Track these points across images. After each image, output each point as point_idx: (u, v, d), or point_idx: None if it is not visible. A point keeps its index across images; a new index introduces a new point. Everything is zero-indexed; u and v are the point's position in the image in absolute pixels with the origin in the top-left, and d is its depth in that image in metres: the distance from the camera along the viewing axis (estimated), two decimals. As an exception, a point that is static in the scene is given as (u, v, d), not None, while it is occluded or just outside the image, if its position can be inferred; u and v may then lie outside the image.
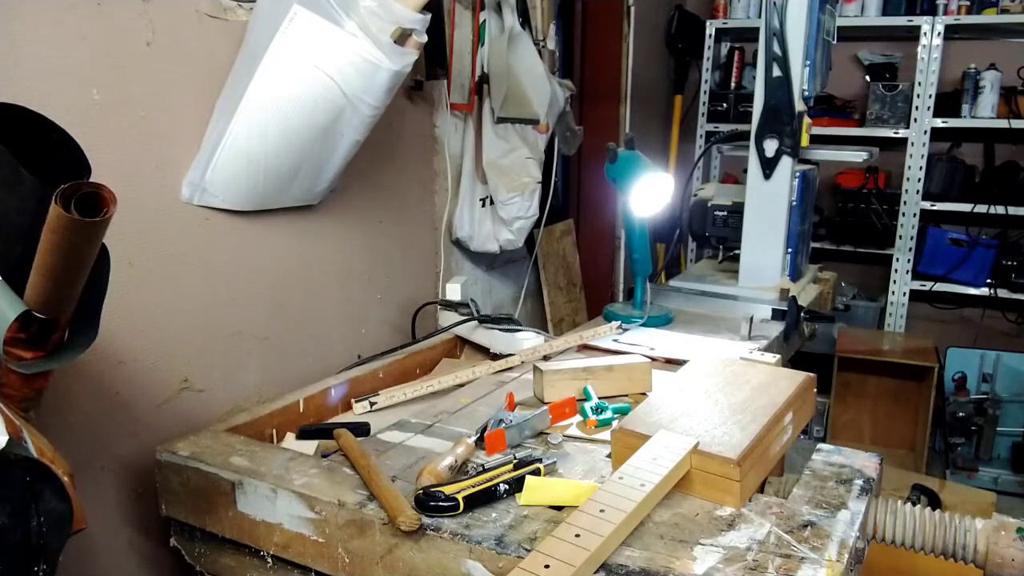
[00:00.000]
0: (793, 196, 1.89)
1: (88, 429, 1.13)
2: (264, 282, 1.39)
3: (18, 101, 0.73)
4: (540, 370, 1.27)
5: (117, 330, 1.13)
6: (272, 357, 1.41)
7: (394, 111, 1.37)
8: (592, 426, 1.14)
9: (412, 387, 1.34)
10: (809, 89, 1.82)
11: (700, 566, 0.79)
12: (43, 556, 0.69)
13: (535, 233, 2.11)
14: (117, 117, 1.11)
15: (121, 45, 1.10)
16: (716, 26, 3.43)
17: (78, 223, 0.65)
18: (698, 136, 3.52)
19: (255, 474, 1.00)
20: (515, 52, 1.80)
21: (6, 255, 0.72)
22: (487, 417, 1.16)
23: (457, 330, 1.63)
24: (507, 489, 0.93)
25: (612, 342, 1.55)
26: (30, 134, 0.73)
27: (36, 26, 1.00)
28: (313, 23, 1.15)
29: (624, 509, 0.82)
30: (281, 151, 1.25)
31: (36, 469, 0.68)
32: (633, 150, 1.67)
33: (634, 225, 1.70)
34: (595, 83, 2.82)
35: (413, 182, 1.76)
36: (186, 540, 1.10)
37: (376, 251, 1.65)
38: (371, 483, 0.95)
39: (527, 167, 1.87)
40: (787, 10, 1.75)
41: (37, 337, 0.73)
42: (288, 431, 1.22)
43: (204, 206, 1.25)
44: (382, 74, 1.22)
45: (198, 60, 1.21)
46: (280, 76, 1.18)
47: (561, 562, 0.75)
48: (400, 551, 0.89)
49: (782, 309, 1.73)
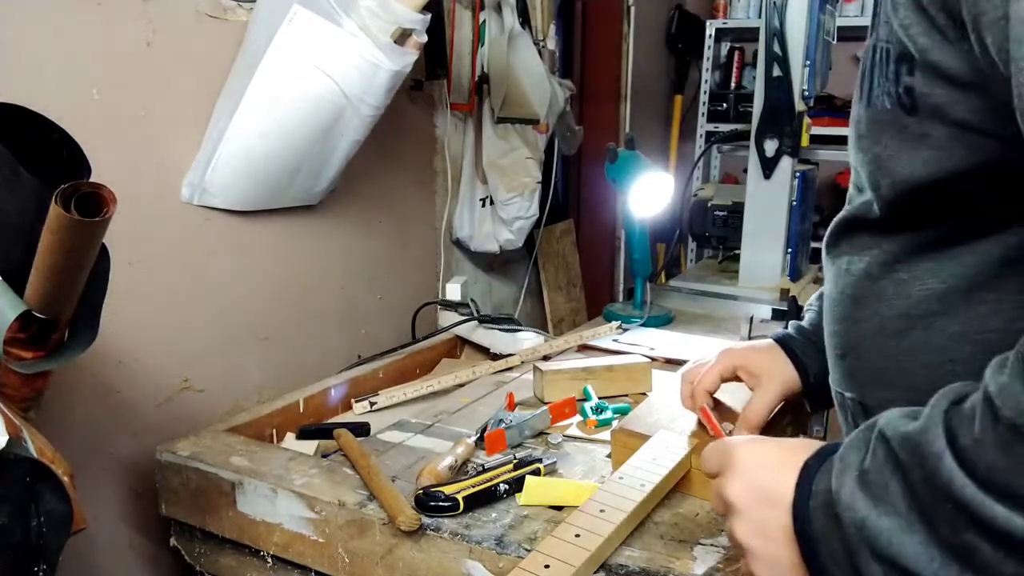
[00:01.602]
0: (793, 196, 1.89)
1: (88, 429, 1.13)
2: (264, 282, 1.39)
3: (18, 101, 0.73)
4: (540, 370, 1.27)
5: (117, 330, 1.13)
6: (272, 357, 1.41)
7: (394, 111, 1.37)
8: (592, 426, 1.14)
9: (412, 387, 1.34)
10: (809, 89, 1.82)
11: (700, 566, 0.79)
12: (43, 556, 0.69)
13: (535, 233, 2.11)
14: (117, 117, 1.11)
15: (121, 45, 1.10)
16: (716, 26, 3.43)
17: (78, 223, 0.65)
18: (698, 136, 3.52)
19: (255, 474, 1.00)
20: (515, 52, 1.80)
21: (6, 255, 0.72)
22: (487, 417, 1.16)
23: (457, 330, 1.63)
24: (507, 489, 0.93)
25: (612, 342, 1.55)
26: (30, 134, 0.73)
27: (36, 26, 1.00)
28: (313, 23, 1.15)
29: (624, 509, 0.82)
30: (281, 151, 1.25)
31: (36, 469, 0.69)
32: (633, 150, 1.67)
33: (634, 225, 1.70)
34: (595, 83, 2.82)
35: (413, 182, 1.76)
36: (186, 540, 1.10)
37: (376, 251, 1.65)
38: (371, 483, 0.95)
39: (527, 167, 1.86)
40: (787, 10, 1.75)
41: (37, 337, 0.73)
42: (288, 431, 1.22)
43: (204, 206, 1.25)
44: (382, 74, 1.22)
45: (198, 60, 1.21)
46: (280, 76, 1.18)
47: (561, 562, 0.75)
48: (400, 551, 0.89)
49: (782, 309, 1.73)
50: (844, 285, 0.71)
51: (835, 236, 0.74)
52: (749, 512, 0.58)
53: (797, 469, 0.56)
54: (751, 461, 0.60)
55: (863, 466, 0.51)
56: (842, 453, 0.54)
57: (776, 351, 0.95)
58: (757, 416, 0.91)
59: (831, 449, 0.56)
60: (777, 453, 0.60)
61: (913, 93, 0.57)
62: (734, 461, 0.61)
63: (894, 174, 0.61)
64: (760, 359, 0.95)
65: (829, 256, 0.75)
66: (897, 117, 0.59)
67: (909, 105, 0.58)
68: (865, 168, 0.65)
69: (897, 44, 0.58)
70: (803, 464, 0.56)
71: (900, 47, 0.58)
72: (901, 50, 0.58)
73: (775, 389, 0.92)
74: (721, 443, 0.64)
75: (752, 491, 0.58)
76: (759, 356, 0.95)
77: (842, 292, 0.71)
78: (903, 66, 0.58)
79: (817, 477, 0.54)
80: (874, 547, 0.49)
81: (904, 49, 0.57)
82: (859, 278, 0.69)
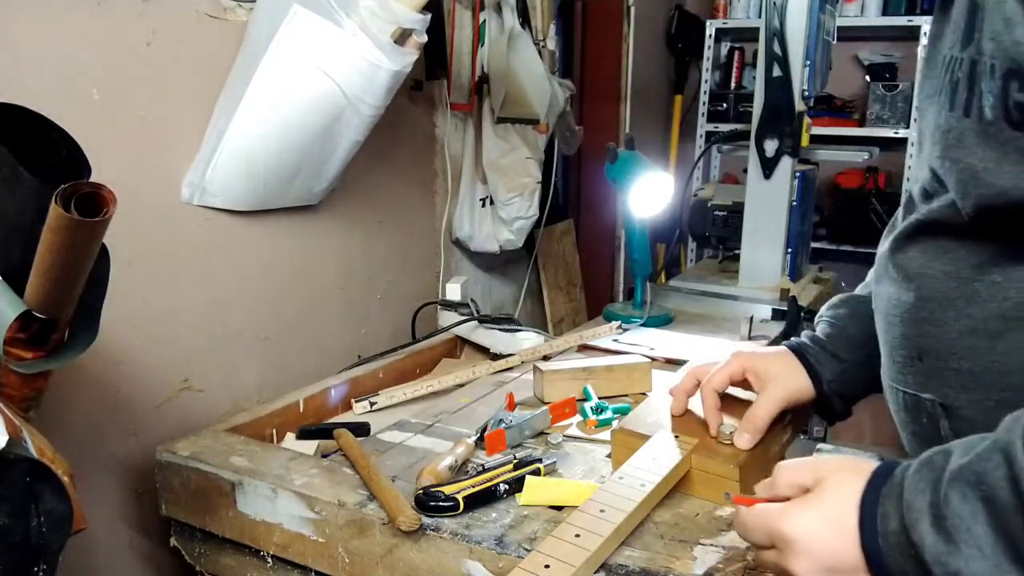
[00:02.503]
0: (793, 196, 1.89)
1: (88, 429, 1.13)
2: (264, 282, 1.39)
3: (18, 101, 0.73)
4: (540, 370, 1.27)
5: (117, 330, 1.13)
6: (272, 357, 1.41)
7: (394, 111, 1.37)
8: (592, 426, 1.14)
9: (412, 387, 1.34)
10: (809, 89, 1.82)
11: (700, 566, 0.79)
12: (43, 556, 0.69)
13: (535, 233, 2.11)
14: (117, 117, 1.11)
15: (121, 45, 1.10)
16: (716, 26, 3.43)
17: (78, 223, 0.65)
18: (698, 136, 3.52)
19: (255, 474, 1.00)
20: (515, 52, 1.80)
21: (6, 255, 0.72)
22: (487, 417, 1.16)
23: (457, 330, 1.63)
24: (507, 489, 0.93)
25: (612, 342, 1.55)
26: (30, 134, 0.73)
27: (36, 26, 1.00)
28: (313, 23, 1.15)
29: (624, 509, 0.82)
30: (281, 151, 1.25)
31: (36, 469, 0.68)
32: (633, 150, 1.67)
33: (634, 225, 1.70)
34: (595, 83, 2.82)
35: (413, 182, 1.76)
36: (186, 540, 1.10)
37: (376, 251, 1.65)
38: (371, 483, 0.95)
39: (527, 167, 1.87)
40: (787, 10, 1.75)
41: (37, 337, 0.73)
42: (288, 431, 1.22)
43: (204, 206, 1.25)
44: (382, 74, 1.22)
45: (198, 60, 1.21)
46: (280, 76, 1.18)
47: (561, 562, 0.75)
48: (400, 551, 0.89)
49: (782, 309, 1.73)
50: (919, 287, 0.72)
51: (904, 239, 0.75)
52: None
53: (856, 532, 0.59)
54: (807, 539, 0.61)
55: (938, 511, 0.54)
56: (909, 500, 0.56)
57: (789, 357, 0.96)
58: (761, 419, 0.91)
59: (878, 485, 0.59)
60: (828, 520, 0.61)
61: (1023, 109, 0.60)
62: (788, 542, 0.62)
63: (990, 185, 0.63)
64: (770, 364, 0.95)
65: (894, 258, 0.76)
66: (1000, 130, 0.62)
67: (1018, 120, 0.60)
68: (954, 176, 0.67)
69: (1007, 60, 0.61)
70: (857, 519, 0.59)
71: (1010, 63, 0.60)
72: (1011, 67, 0.60)
73: (780, 394, 0.93)
74: (763, 517, 0.65)
75: (820, 566, 0.60)
76: (769, 361, 0.96)
77: (917, 294, 0.73)
78: (1013, 82, 0.60)
79: (879, 522, 0.58)
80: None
81: (1015, 66, 0.60)
82: (942, 280, 0.70)
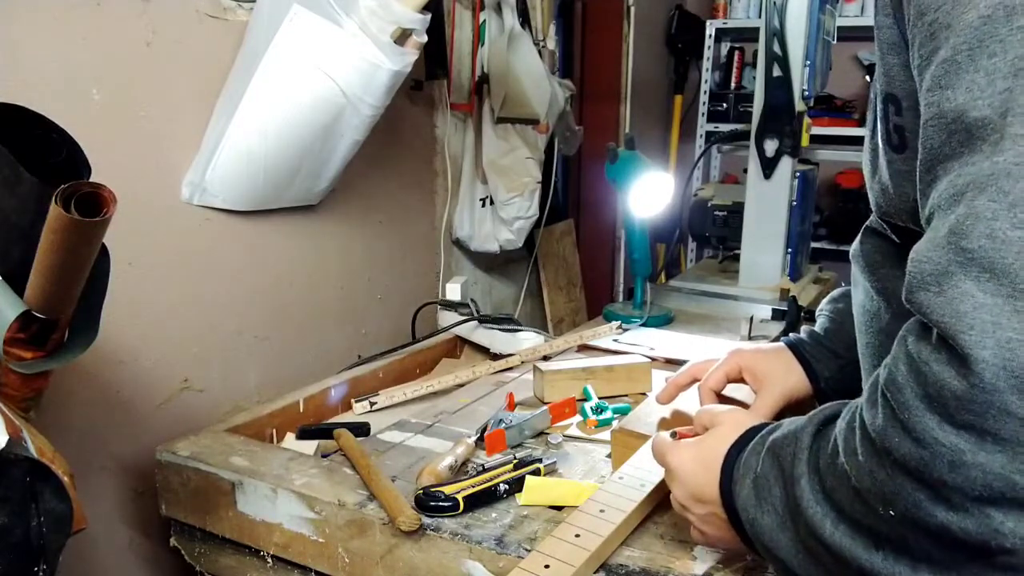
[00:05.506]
0: (793, 196, 1.89)
1: (88, 429, 1.13)
2: (264, 282, 1.39)
3: (18, 101, 0.73)
4: (540, 370, 1.27)
5: (117, 330, 1.13)
6: (272, 357, 1.41)
7: (394, 111, 1.37)
8: (592, 426, 1.14)
9: (412, 387, 1.34)
10: (809, 89, 1.82)
11: (700, 566, 0.79)
12: (43, 556, 0.69)
13: (535, 233, 2.11)
14: (117, 117, 1.11)
15: (121, 45, 1.10)
16: (716, 26, 3.43)
17: (78, 223, 0.65)
18: (698, 136, 3.52)
19: (255, 474, 1.00)
20: (515, 52, 1.80)
21: (6, 255, 0.72)
22: (487, 417, 1.16)
23: (457, 330, 1.63)
24: (507, 489, 0.93)
25: (612, 342, 1.55)
26: (30, 134, 0.73)
27: (36, 26, 1.00)
28: (313, 23, 1.15)
29: (624, 509, 0.82)
30: (281, 151, 1.25)
31: (36, 469, 0.69)
32: (633, 150, 1.67)
33: (634, 225, 1.70)
34: (595, 83, 2.82)
35: (413, 182, 1.76)
36: (186, 540, 1.10)
37: (376, 251, 1.65)
38: (371, 483, 0.95)
39: (527, 167, 1.86)
40: (787, 10, 1.75)
41: (37, 337, 0.73)
42: (288, 431, 1.22)
43: (204, 206, 1.25)
44: (382, 74, 1.22)
45: (198, 60, 1.21)
46: (280, 76, 1.18)
47: (561, 562, 0.75)
48: (400, 551, 0.89)
49: (782, 309, 1.73)
50: (885, 297, 0.74)
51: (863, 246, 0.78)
52: (692, 508, 0.74)
53: (718, 475, 0.70)
54: (682, 471, 0.74)
55: (757, 472, 0.65)
56: (746, 458, 0.68)
57: (786, 355, 0.96)
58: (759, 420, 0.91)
59: (747, 438, 0.70)
60: (699, 461, 0.73)
61: (902, 131, 0.61)
62: (670, 470, 0.76)
63: (889, 204, 0.65)
64: (767, 362, 0.95)
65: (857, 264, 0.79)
66: (886, 152, 0.63)
67: (897, 143, 0.62)
68: (872, 193, 0.69)
69: (885, 84, 0.62)
70: (722, 463, 0.70)
71: (887, 87, 0.61)
72: (887, 91, 0.61)
73: (777, 393, 0.93)
74: (659, 448, 0.78)
75: (689, 494, 0.74)
76: (766, 359, 0.96)
77: (883, 304, 0.75)
78: (890, 106, 0.61)
79: (735, 474, 0.69)
80: (760, 541, 0.65)
81: (890, 91, 0.61)
82: (888, 293, 0.73)
